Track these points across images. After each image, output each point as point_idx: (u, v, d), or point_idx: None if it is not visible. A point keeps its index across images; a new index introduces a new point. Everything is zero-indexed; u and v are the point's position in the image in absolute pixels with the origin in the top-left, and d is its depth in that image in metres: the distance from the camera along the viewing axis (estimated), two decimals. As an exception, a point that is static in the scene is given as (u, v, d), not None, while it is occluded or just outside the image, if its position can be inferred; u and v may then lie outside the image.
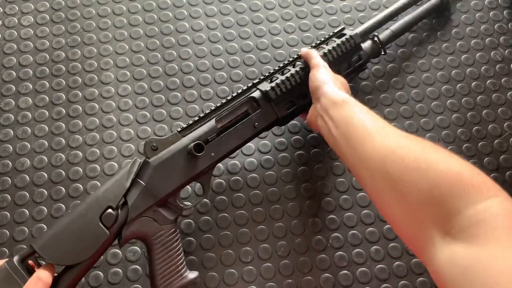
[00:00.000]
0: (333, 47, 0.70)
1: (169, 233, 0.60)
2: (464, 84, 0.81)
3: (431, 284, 0.68)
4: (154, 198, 0.59)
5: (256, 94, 0.67)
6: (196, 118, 0.65)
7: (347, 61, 0.72)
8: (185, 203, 0.64)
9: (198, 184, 0.69)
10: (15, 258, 0.53)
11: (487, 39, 0.85)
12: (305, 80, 0.67)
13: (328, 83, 0.63)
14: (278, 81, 0.67)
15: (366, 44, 0.75)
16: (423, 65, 0.82)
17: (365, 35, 0.75)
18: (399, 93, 0.80)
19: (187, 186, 0.68)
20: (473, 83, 0.81)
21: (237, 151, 0.74)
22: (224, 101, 0.66)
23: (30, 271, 0.54)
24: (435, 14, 0.86)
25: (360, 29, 0.74)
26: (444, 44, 0.84)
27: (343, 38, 0.71)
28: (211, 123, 0.64)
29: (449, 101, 0.80)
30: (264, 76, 0.69)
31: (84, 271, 0.56)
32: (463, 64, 0.83)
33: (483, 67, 0.83)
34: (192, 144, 0.61)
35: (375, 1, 0.88)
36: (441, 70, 0.82)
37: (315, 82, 0.64)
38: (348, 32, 0.72)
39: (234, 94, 0.67)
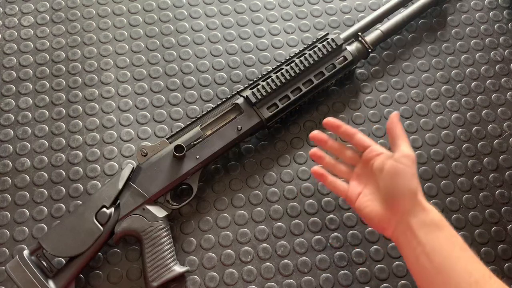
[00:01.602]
0: (314, 51, 0.74)
1: (157, 229, 0.65)
2: (463, 84, 0.81)
3: (431, 284, 0.68)
4: (143, 197, 0.66)
5: (239, 100, 0.71)
6: (183, 126, 0.70)
7: (331, 62, 0.75)
8: (173, 203, 0.68)
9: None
10: (25, 252, 0.63)
11: (487, 39, 0.85)
12: (286, 83, 0.72)
13: (420, 190, 0.55)
14: (258, 86, 0.71)
15: (353, 46, 0.77)
16: (423, 65, 0.82)
17: (350, 38, 0.77)
18: (398, 93, 0.80)
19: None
20: (473, 83, 0.81)
21: (235, 152, 0.75)
22: (209, 109, 0.71)
23: (38, 264, 0.63)
24: (434, 8, 0.86)
25: (345, 33, 0.78)
26: (444, 44, 0.84)
27: (325, 42, 0.74)
28: (196, 129, 0.70)
29: (448, 101, 0.80)
30: (248, 84, 0.73)
31: (83, 263, 0.63)
32: (463, 64, 0.83)
33: (482, 67, 0.83)
34: (173, 146, 0.67)
35: (375, 1, 0.88)
36: (441, 70, 0.82)
37: (408, 183, 0.54)
38: (331, 35, 0.75)
39: (218, 103, 0.72)
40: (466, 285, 0.49)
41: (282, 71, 0.73)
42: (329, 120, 0.65)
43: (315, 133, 0.65)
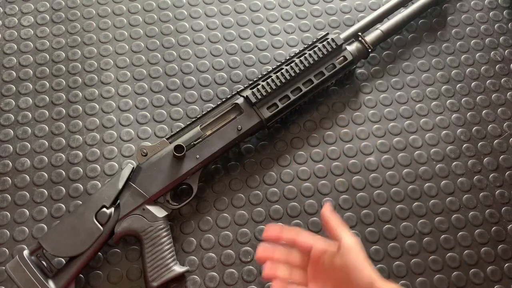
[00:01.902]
0: (314, 51, 0.74)
1: (157, 229, 0.65)
2: (464, 84, 0.81)
3: (431, 284, 0.68)
4: (143, 197, 0.66)
5: (239, 100, 0.71)
6: (183, 126, 0.70)
7: (331, 62, 0.75)
8: (173, 203, 0.68)
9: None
10: (25, 252, 0.63)
11: (487, 39, 0.85)
12: (286, 83, 0.72)
13: (375, 275, 0.54)
14: (258, 86, 0.71)
15: (353, 46, 0.77)
16: (423, 65, 0.82)
17: (350, 37, 0.77)
18: (398, 93, 0.80)
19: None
20: (473, 83, 0.81)
21: (235, 152, 0.75)
22: (209, 109, 0.71)
23: (38, 264, 0.63)
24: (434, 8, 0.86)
25: (345, 33, 0.77)
26: (444, 44, 0.84)
27: (325, 42, 0.74)
28: (196, 129, 0.69)
29: (449, 101, 0.80)
30: (248, 84, 0.73)
31: (84, 263, 0.63)
32: (463, 64, 0.83)
33: (483, 67, 0.83)
34: (173, 146, 0.67)
35: (375, 1, 0.88)
36: (441, 70, 0.82)
37: (362, 276, 0.53)
38: (331, 35, 0.75)
39: (218, 103, 0.72)
40: None
41: (282, 71, 0.73)
42: (269, 233, 0.61)
43: (261, 252, 0.60)
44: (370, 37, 0.78)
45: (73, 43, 0.83)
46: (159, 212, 0.67)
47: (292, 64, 0.73)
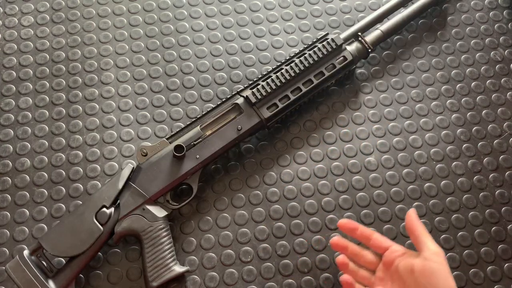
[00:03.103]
0: (314, 51, 0.74)
1: (157, 229, 0.66)
2: (463, 84, 0.81)
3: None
4: (143, 197, 0.66)
5: (239, 100, 0.71)
6: (183, 126, 0.70)
7: (331, 62, 0.75)
8: (173, 203, 0.68)
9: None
10: (25, 252, 0.63)
11: (487, 39, 0.85)
12: (286, 83, 0.72)
13: None
14: (258, 86, 0.71)
15: (353, 46, 0.77)
16: (423, 65, 0.82)
17: (350, 38, 0.78)
18: (398, 93, 0.80)
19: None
20: (473, 83, 0.81)
21: (235, 152, 0.75)
22: (209, 109, 0.71)
23: (38, 264, 0.63)
24: (434, 8, 0.86)
25: (345, 33, 0.78)
26: (444, 44, 0.84)
27: (324, 42, 0.75)
28: (196, 129, 0.69)
29: (448, 101, 0.80)
30: (248, 84, 0.73)
31: (84, 263, 0.63)
32: (463, 64, 0.83)
33: (483, 67, 0.83)
34: (173, 146, 0.67)
35: (375, 1, 0.88)
36: (441, 70, 0.82)
37: (446, 283, 0.52)
38: (331, 35, 0.75)
39: (218, 103, 0.72)
40: None
41: (282, 71, 0.73)
42: (345, 222, 0.63)
43: (335, 240, 0.63)
44: (370, 37, 0.78)
45: (73, 43, 0.83)
46: (159, 212, 0.67)
47: (292, 64, 0.73)
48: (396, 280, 0.57)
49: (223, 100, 0.72)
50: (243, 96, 0.71)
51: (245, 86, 0.73)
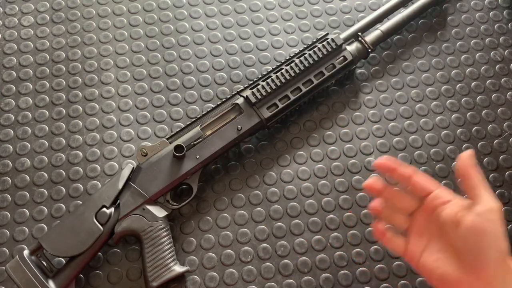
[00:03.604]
0: (314, 51, 0.74)
1: (157, 229, 0.66)
2: (463, 84, 0.81)
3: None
4: (143, 197, 0.66)
5: (239, 100, 0.71)
6: (183, 126, 0.70)
7: (331, 62, 0.75)
8: (173, 203, 0.68)
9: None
10: (25, 252, 0.63)
11: (487, 39, 0.85)
12: (286, 83, 0.72)
13: (509, 251, 0.46)
14: (258, 86, 0.71)
15: (353, 46, 0.77)
16: (423, 65, 0.82)
17: (350, 38, 0.78)
18: (398, 93, 0.80)
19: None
20: (473, 83, 0.81)
21: (235, 152, 0.75)
22: (209, 109, 0.71)
23: (38, 264, 0.63)
24: (434, 8, 0.86)
25: (345, 33, 0.78)
26: (444, 44, 0.84)
27: (324, 42, 0.74)
28: (196, 129, 0.69)
29: (448, 101, 0.80)
30: (248, 84, 0.73)
31: (84, 263, 0.64)
32: (463, 64, 0.83)
33: (482, 67, 0.83)
34: (173, 146, 0.67)
35: (375, 1, 0.88)
36: (441, 70, 0.82)
37: (498, 245, 0.45)
38: (331, 36, 0.75)
39: (218, 103, 0.72)
40: None
41: (282, 71, 0.73)
42: (383, 162, 0.54)
43: (371, 182, 0.55)
44: (370, 37, 0.78)
45: (73, 43, 0.83)
46: (159, 212, 0.67)
47: (292, 64, 0.73)
48: (435, 230, 0.50)
49: (223, 100, 0.72)
50: (243, 96, 0.71)
51: (245, 86, 0.73)
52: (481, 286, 0.45)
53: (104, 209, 0.65)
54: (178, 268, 0.65)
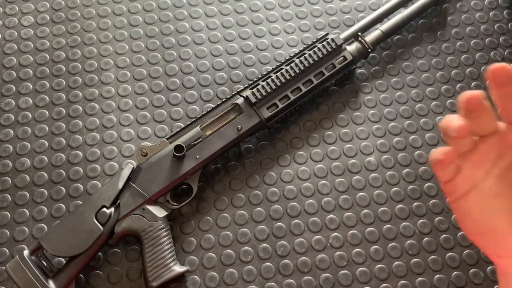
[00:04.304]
0: (314, 51, 0.74)
1: (157, 229, 0.66)
2: (463, 84, 0.81)
3: (431, 284, 0.68)
4: (143, 197, 0.66)
5: (239, 100, 0.71)
6: (183, 126, 0.70)
7: (331, 62, 0.75)
8: (173, 203, 0.68)
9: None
10: (25, 252, 0.63)
11: (487, 39, 0.85)
12: (286, 83, 0.72)
13: None
14: (258, 86, 0.71)
15: (353, 46, 0.77)
16: (423, 65, 0.82)
17: (350, 38, 0.78)
18: (398, 93, 0.80)
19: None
20: (473, 83, 0.81)
21: (235, 152, 0.75)
22: (209, 109, 0.71)
23: (38, 264, 0.63)
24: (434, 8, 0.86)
25: (345, 33, 0.78)
26: (444, 44, 0.84)
27: (324, 42, 0.74)
28: (196, 129, 0.69)
29: (448, 101, 0.80)
30: (248, 84, 0.73)
31: (84, 263, 0.64)
32: (463, 64, 0.83)
33: (483, 67, 0.83)
34: (173, 146, 0.67)
35: (375, 1, 0.88)
36: (441, 70, 0.82)
37: None
38: (331, 36, 0.75)
39: (218, 103, 0.72)
40: None
41: (282, 71, 0.73)
42: (500, 68, 0.37)
43: (471, 95, 0.38)
44: (370, 37, 0.78)
45: (73, 43, 0.83)
46: (159, 212, 0.67)
47: (292, 64, 0.73)
48: (503, 170, 0.39)
49: (223, 100, 0.72)
50: (243, 96, 0.71)
51: (245, 86, 0.73)
52: None
53: (104, 209, 0.65)
54: (178, 268, 0.65)
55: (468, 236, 0.42)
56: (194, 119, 0.71)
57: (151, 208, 0.67)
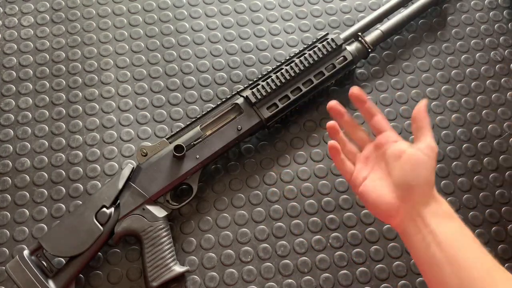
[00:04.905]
0: (314, 51, 0.74)
1: (157, 229, 0.66)
2: (464, 84, 0.81)
3: (431, 284, 0.68)
4: (143, 197, 0.66)
5: (239, 100, 0.71)
6: (183, 126, 0.70)
7: (331, 62, 0.75)
8: (173, 203, 0.68)
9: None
10: (25, 252, 0.63)
11: (487, 39, 0.85)
12: (286, 83, 0.72)
13: (434, 184, 0.54)
14: (258, 86, 0.72)
15: (353, 46, 0.77)
16: (423, 65, 0.82)
17: (350, 38, 0.78)
18: (398, 93, 0.80)
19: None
20: (473, 83, 0.81)
21: (235, 152, 0.75)
22: (209, 109, 0.71)
23: (38, 264, 0.63)
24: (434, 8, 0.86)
25: (345, 33, 0.78)
26: (444, 44, 0.84)
27: (324, 42, 0.75)
28: (196, 129, 0.70)
29: (448, 101, 0.80)
30: (248, 84, 0.73)
31: (84, 263, 0.64)
32: (463, 64, 0.83)
33: (483, 67, 0.83)
34: (173, 146, 0.67)
35: (375, 1, 0.88)
36: (441, 70, 0.82)
37: (428, 175, 0.54)
38: (331, 35, 0.75)
39: (218, 103, 0.72)
40: (478, 274, 0.48)
41: (282, 71, 0.73)
42: (357, 93, 0.60)
43: (333, 103, 0.62)
44: (370, 37, 0.78)
45: (73, 43, 0.83)
46: (159, 212, 0.67)
47: (292, 64, 0.73)
48: (379, 163, 0.58)
49: (223, 100, 0.72)
50: (243, 96, 0.71)
51: (245, 86, 0.73)
52: (405, 208, 0.53)
53: (104, 209, 0.65)
54: (178, 268, 0.65)
55: (371, 212, 0.58)
56: (194, 119, 0.71)
57: (151, 208, 0.67)
